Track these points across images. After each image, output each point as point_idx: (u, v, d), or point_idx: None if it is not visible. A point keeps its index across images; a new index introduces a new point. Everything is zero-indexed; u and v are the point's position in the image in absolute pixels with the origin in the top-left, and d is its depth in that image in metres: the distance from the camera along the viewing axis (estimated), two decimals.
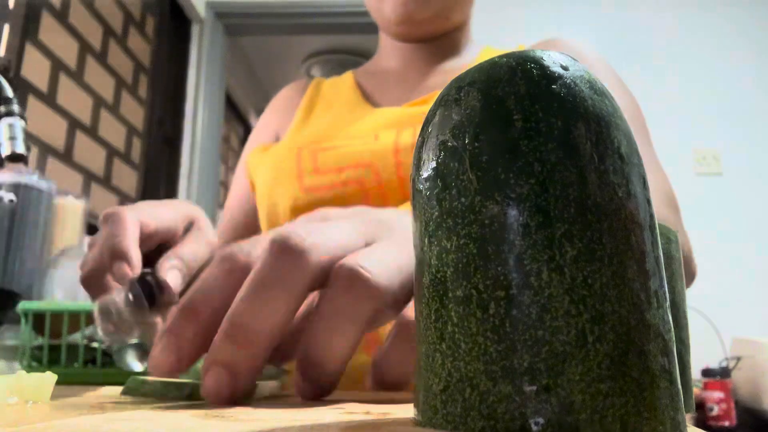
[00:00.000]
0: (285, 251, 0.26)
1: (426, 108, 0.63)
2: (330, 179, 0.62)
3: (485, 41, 0.81)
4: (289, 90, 0.84)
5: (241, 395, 0.26)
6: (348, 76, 0.78)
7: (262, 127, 0.83)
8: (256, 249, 0.29)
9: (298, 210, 0.62)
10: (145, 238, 0.42)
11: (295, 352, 0.30)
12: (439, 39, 0.73)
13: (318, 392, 0.28)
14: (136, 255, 0.40)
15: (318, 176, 0.62)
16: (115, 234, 0.39)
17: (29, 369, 0.49)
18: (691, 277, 0.61)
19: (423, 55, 0.74)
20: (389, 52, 0.77)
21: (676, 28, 2.46)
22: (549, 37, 0.75)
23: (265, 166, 0.68)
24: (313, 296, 0.31)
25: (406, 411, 0.22)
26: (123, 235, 0.39)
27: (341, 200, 0.61)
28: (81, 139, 1.90)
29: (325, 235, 0.28)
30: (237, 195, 0.79)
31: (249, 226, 0.76)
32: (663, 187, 0.62)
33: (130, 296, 0.38)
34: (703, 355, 1.88)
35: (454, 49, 0.75)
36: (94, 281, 0.41)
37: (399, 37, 0.73)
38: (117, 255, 0.39)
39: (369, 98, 0.74)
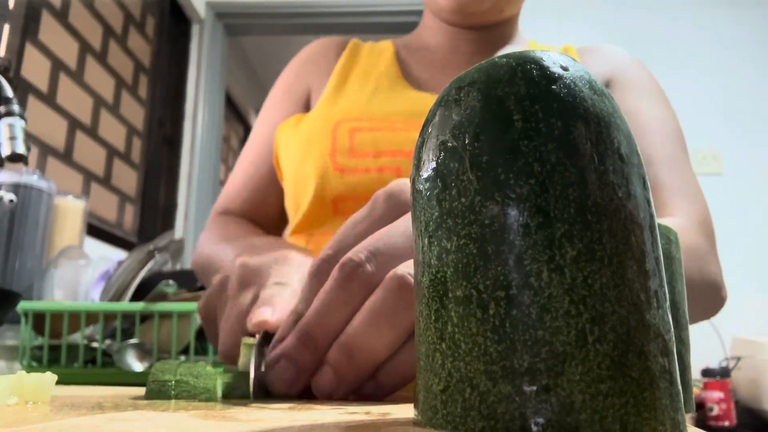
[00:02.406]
0: (404, 289, 0.28)
1: None
2: (366, 163, 0.60)
3: None
4: (324, 44, 0.78)
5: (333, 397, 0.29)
6: (388, 47, 0.75)
7: (292, 76, 0.77)
8: (371, 264, 0.30)
9: (328, 190, 0.60)
10: None
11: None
12: (488, 28, 0.72)
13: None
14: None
15: (353, 158, 0.61)
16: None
17: (29, 369, 0.49)
18: (721, 303, 0.60)
19: (470, 41, 0.72)
20: (435, 30, 0.74)
21: (677, 28, 2.46)
22: (591, 45, 0.74)
23: (297, 139, 0.66)
24: None
25: (406, 411, 0.22)
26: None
27: (374, 187, 0.59)
28: (81, 139, 1.90)
29: None
30: (253, 157, 0.74)
31: (264, 193, 0.73)
32: (701, 213, 0.60)
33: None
34: (703, 355, 1.88)
35: (502, 41, 0.74)
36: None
37: (448, 23, 0.71)
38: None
39: (409, 76, 0.71)
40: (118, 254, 1.97)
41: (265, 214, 0.73)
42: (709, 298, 0.57)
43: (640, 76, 0.69)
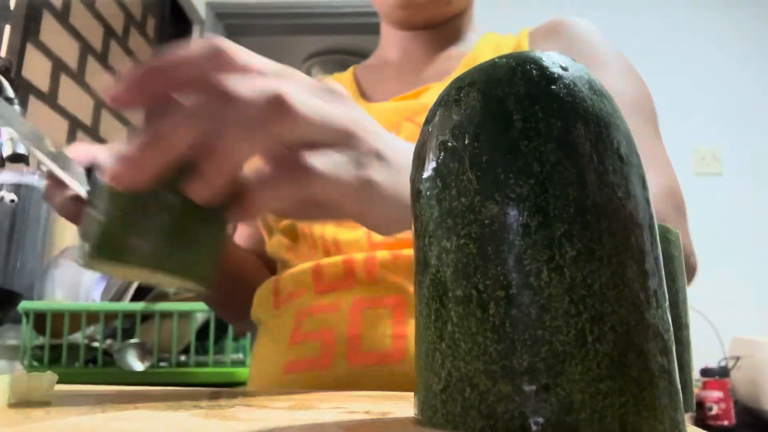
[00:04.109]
0: (282, 111, 0.27)
1: (413, 102, 0.62)
2: None
3: None
4: None
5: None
6: (348, 72, 0.77)
7: None
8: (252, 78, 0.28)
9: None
10: None
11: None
12: (440, 26, 0.71)
13: (204, 189, 0.27)
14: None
15: None
16: None
17: (30, 369, 0.49)
18: (692, 272, 0.60)
19: (422, 43, 0.72)
20: (389, 42, 0.75)
21: (676, 28, 2.46)
22: (553, 19, 0.72)
23: None
24: None
25: (406, 411, 0.22)
26: None
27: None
28: (82, 140, 1.90)
29: (323, 111, 0.29)
30: None
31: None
32: (667, 183, 0.58)
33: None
34: (702, 354, 1.88)
35: (456, 37, 0.73)
36: None
37: (400, 23, 0.71)
38: None
39: (364, 93, 0.72)
40: None
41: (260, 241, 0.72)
42: None
43: (601, 48, 0.67)
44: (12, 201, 0.86)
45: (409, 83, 0.69)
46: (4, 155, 0.81)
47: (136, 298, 0.63)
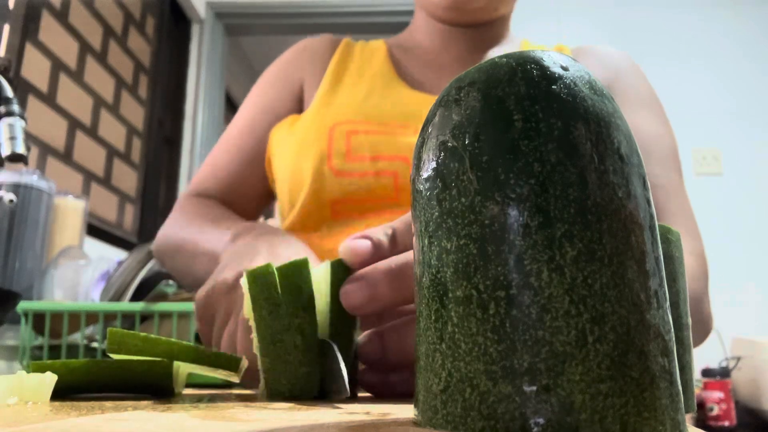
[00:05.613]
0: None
1: None
2: (363, 167, 0.60)
3: None
4: (319, 42, 0.77)
5: None
6: (380, 46, 0.75)
7: (284, 65, 0.76)
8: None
9: (325, 192, 0.60)
10: None
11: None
12: (480, 27, 0.71)
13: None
14: None
15: (350, 161, 0.60)
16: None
17: (29, 369, 0.49)
18: (707, 335, 0.61)
19: (462, 40, 0.72)
20: (426, 30, 0.74)
21: (676, 27, 2.46)
22: (587, 45, 0.73)
23: (293, 140, 0.65)
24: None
25: (406, 411, 0.22)
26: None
27: (372, 191, 0.60)
28: (81, 139, 1.90)
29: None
30: (236, 137, 0.72)
31: (246, 172, 0.71)
32: (699, 250, 0.59)
33: None
34: (703, 355, 1.88)
35: (494, 39, 0.73)
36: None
37: (442, 21, 0.71)
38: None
39: (403, 75, 0.71)
40: (118, 254, 1.96)
41: (244, 194, 0.71)
42: (699, 335, 0.59)
43: (637, 85, 0.68)
44: (11, 201, 0.86)
45: (452, 78, 0.69)
46: (3, 155, 0.81)
47: (135, 298, 0.63)
